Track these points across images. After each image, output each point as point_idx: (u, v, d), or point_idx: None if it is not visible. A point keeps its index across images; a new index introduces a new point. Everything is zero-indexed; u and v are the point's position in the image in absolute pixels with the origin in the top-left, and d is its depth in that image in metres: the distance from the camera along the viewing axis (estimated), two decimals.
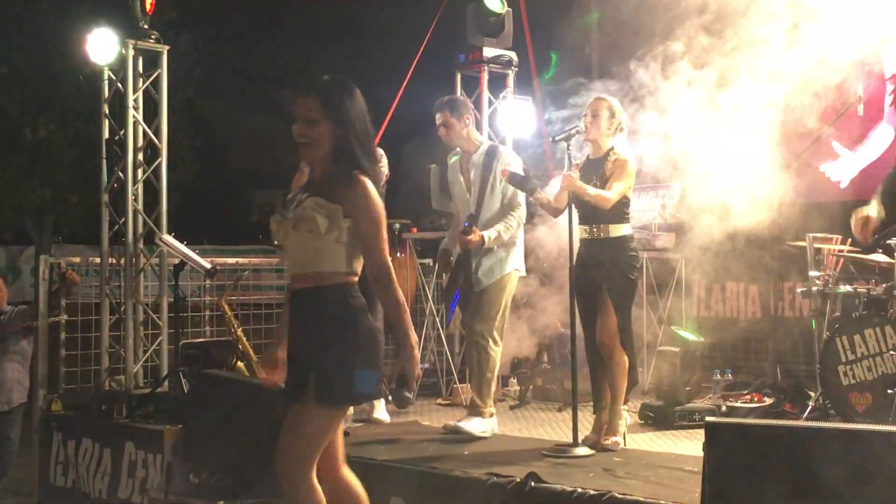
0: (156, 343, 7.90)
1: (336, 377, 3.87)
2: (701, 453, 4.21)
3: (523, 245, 6.63)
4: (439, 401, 8.01)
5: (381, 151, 7.10)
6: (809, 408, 6.54)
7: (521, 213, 6.45)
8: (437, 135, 6.64)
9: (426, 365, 8.48)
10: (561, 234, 7.04)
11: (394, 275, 3.95)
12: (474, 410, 6.35)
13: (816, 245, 6.81)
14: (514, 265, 6.47)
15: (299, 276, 4.02)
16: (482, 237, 6.29)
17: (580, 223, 6.04)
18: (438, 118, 6.54)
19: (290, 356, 4.06)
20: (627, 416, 6.22)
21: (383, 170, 7.12)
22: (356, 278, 4.01)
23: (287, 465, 3.92)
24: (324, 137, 3.97)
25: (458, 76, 8.81)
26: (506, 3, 8.68)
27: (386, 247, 3.97)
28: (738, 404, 6.94)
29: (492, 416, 6.37)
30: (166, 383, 7.43)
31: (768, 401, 6.99)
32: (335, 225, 3.89)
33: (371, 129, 4.07)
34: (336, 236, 3.91)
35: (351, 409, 7.15)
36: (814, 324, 6.79)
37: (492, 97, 8.81)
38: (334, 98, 3.98)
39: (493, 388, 6.45)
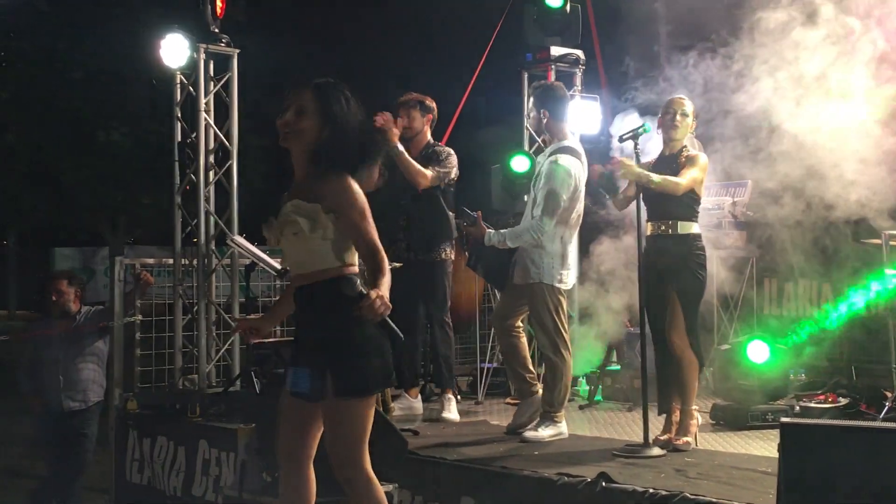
0: (228, 343, 8.00)
1: (349, 369, 3.93)
2: (774, 454, 4.16)
3: (567, 259, 6.24)
4: (508, 400, 7.99)
5: (449, 150, 7.14)
6: (886, 408, 6.41)
7: (536, 227, 6.10)
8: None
9: (494, 364, 8.47)
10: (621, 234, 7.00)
11: (384, 254, 3.97)
12: (546, 415, 6.24)
13: (892, 243, 6.67)
14: (541, 277, 6.17)
15: (300, 276, 4.08)
16: (484, 231, 6.20)
17: (648, 219, 5.99)
18: None
19: (298, 346, 4.14)
20: (699, 416, 6.16)
21: (453, 171, 7.12)
22: (355, 268, 4.05)
23: (338, 460, 4.03)
24: (308, 130, 4.01)
25: (525, 75, 8.78)
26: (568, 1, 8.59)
27: (374, 231, 3.99)
28: (812, 405, 6.83)
29: (562, 420, 6.28)
30: (238, 383, 7.52)
31: (843, 401, 6.86)
32: (318, 224, 3.94)
33: (362, 138, 4.07)
34: (322, 234, 3.96)
35: (419, 405, 7.22)
36: (890, 322, 6.65)
37: None
38: (326, 95, 4.03)
39: (565, 396, 6.30)
